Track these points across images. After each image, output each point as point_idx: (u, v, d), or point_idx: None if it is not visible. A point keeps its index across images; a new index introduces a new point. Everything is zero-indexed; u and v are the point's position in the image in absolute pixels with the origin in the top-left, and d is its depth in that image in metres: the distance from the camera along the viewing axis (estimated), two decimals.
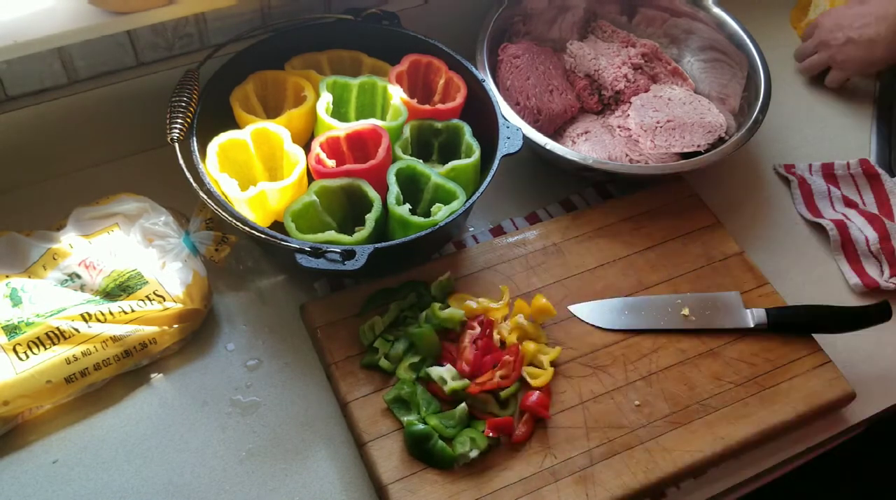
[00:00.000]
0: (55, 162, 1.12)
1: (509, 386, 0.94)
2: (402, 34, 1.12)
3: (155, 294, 0.96)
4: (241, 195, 0.95)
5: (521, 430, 0.92)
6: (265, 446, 0.93)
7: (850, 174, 1.24)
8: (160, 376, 0.97)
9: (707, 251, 1.10)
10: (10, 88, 1.05)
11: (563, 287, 1.04)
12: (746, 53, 1.23)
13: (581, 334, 1.01)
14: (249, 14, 1.12)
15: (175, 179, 0.96)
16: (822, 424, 1.00)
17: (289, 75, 1.08)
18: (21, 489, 0.88)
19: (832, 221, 1.17)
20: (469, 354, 0.95)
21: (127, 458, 0.91)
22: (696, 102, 1.21)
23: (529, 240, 1.08)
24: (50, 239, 0.99)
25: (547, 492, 0.89)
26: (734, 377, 0.98)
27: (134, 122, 1.12)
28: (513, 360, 0.95)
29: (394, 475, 0.88)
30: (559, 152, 1.09)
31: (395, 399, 0.92)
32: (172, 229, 1.02)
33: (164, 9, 1.01)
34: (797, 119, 1.33)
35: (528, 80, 1.19)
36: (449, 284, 1.02)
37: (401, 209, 0.96)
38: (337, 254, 0.90)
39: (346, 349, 0.97)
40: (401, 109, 1.05)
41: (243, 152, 1.01)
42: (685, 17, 1.30)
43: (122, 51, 1.08)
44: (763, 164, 1.27)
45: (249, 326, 1.03)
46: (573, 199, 1.18)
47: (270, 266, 1.07)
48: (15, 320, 0.91)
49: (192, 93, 1.00)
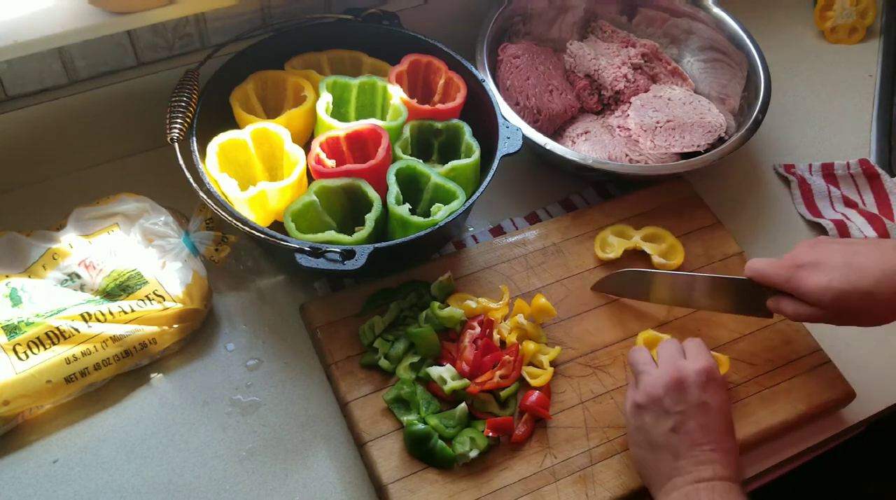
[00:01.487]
0: (55, 162, 1.12)
1: (509, 386, 0.94)
2: (402, 34, 1.12)
3: (155, 294, 0.96)
4: (241, 195, 0.95)
5: (521, 430, 0.92)
6: (265, 446, 0.93)
7: (850, 174, 1.24)
8: (160, 376, 0.97)
9: (707, 251, 1.10)
10: (10, 88, 1.05)
11: (563, 287, 1.04)
12: (746, 53, 1.23)
13: (581, 334, 1.01)
14: (249, 14, 1.12)
15: (175, 179, 0.96)
16: (822, 424, 1.00)
17: (289, 75, 1.08)
18: (21, 489, 0.88)
19: (832, 221, 1.17)
20: (469, 354, 0.95)
21: (127, 458, 0.91)
22: (695, 102, 1.21)
23: (529, 240, 1.08)
24: (50, 239, 0.99)
25: (547, 492, 0.89)
26: (734, 377, 0.98)
27: (134, 122, 1.12)
28: (513, 360, 0.95)
29: (394, 475, 0.88)
30: (559, 152, 1.09)
31: (395, 399, 0.92)
32: (172, 229, 1.02)
33: (164, 9, 1.01)
34: (797, 119, 1.33)
35: (528, 80, 1.19)
36: (449, 284, 1.02)
37: (401, 209, 0.96)
38: (337, 254, 0.90)
39: (345, 349, 0.97)
40: (401, 109, 1.05)
41: (243, 152, 1.01)
42: (685, 17, 1.30)
43: (122, 51, 1.08)
44: (763, 164, 1.27)
45: (249, 326, 1.03)
46: (573, 199, 1.18)
47: (270, 266, 1.07)
48: (15, 319, 0.91)
49: (192, 93, 1.00)
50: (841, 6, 1.44)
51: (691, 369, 0.85)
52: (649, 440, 0.84)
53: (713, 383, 0.85)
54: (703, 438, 0.81)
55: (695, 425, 0.82)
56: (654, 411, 0.84)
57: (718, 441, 0.82)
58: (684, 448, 0.81)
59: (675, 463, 0.82)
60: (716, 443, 0.82)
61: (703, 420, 0.82)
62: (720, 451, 0.81)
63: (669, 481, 0.81)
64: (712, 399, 0.83)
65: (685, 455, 0.81)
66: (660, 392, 0.84)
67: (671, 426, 0.83)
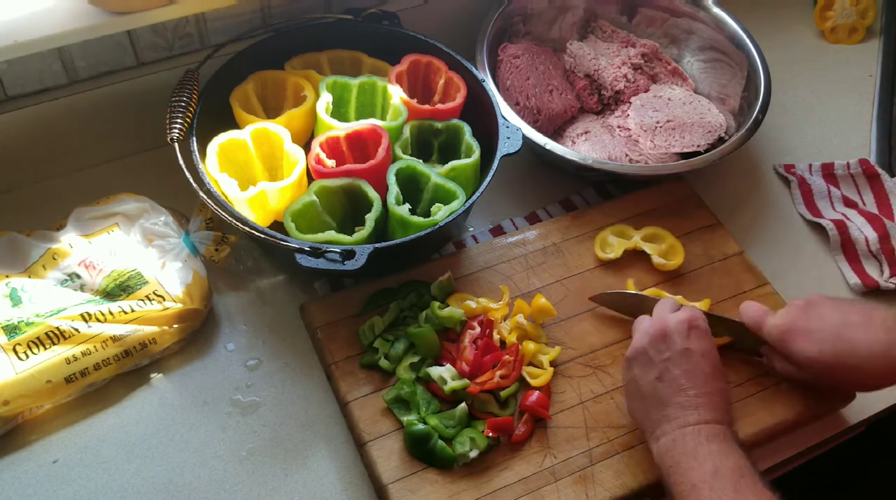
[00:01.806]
0: (55, 162, 1.12)
1: (509, 386, 0.94)
2: (402, 34, 1.12)
3: (155, 294, 0.96)
4: (241, 195, 0.95)
5: (521, 430, 0.92)
6: (265, 445, 0.93)
7: (850, 174, 1.24)
8: (160, 376, 0.97)
9: (707, 251, 1.10)
10: (10, 88, 1.05)
11: (563, 287, 1.04)
12: (746, 53, 1.23)
13: (581, 334, 1.01)
14: (249, 14, 1.12)
15: (175, 179, 0.96)
16: (822, 424, 1.00)
17: (289, 75, 1.08)
18: (21, 489, 0.88)
19: (832, 221, 1.17)
20: (469, 353, 0.95)
21: (127, 458, 0.91)
22: (695, 102, 1.21)
23: (529, 240, 1.08)
24: (50, 239, 0.99)
25: (547, 492, 0.89)
26: (734, 377, 0.98)
27: (134, 122, 1.12)
28: (512, 360, 0.95)
29: (394, 475, 0.88)
30: (559, 152, 1.09)
31: (395, 399, 0.92)
32: (172, 229, 1.02)
33: (164, 9, 1.01)
34: (797, 119, 1.33)
35: (528, 80, 1.19)
36: (449, 284, 1.02)
37: (401, 209, 0.96)
38: (337, 254, 0.90)
39: (345, 349, 0.97)
40: (401, 109, 1.05)
41: (243, 152, 1.01)
42: (685, 17, 1.30)
43: (122, 51, 1.08)
44: (763, 164, 1.27)
45: (249, 326, 1.03)
46: (573, 199, 1.18)
47: (270, 266, 1.07)
48: (15, 320, 0.91)
49: (192, 93, 1.01)
50: (841, 6, 1.44)
51: (674, 319, 0.89)
52: (639, 390, 0.87)
53: (696, 330, 0.88)
54: (687, 383, 0.84)
55: (679, 372, 0.85)
56: (641, 362, 0.88)
57: (703, 385, 0.84)
58: (670, 395, 0.84)
59: (663, 411, 0.84)
60: (700, 387, 0.84)
61: (687, 367, 0.85)
62: (705, 395, 0.83)
63: (659, 427, 0.84)
64: (694, 346, 0.86)
65: (671, 402, 0.84)
66: (645, 343, 0.88)
67: (657, 374, 0.86)
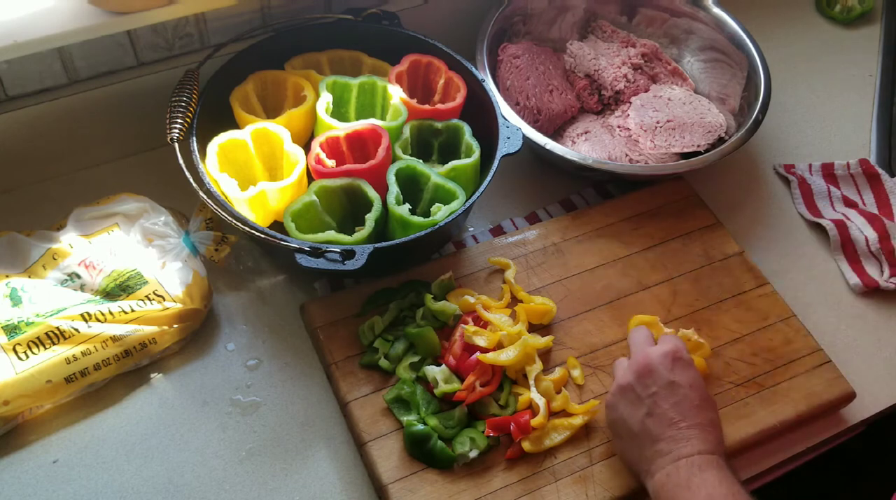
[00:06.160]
0: (55, 162, 1.12)
1: (492, 393, 0.93)
2: (402, 34, 1.12)
3: (155, 294, 0.96)
4: (241, 195, 0.95)
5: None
6: (265, 445, 0.93)
7: (850, 174, 1.24)
8: (160, 376, 0.97)
9: (707, 251, 1.10)
10: (10, 88, 1.05)
11: (563, 287, 1.04)
12: (746, 53, 1.23)
13: (581, 334, 1.01)
14: (249, 14, 1.12)
15: (175, 179, 0.96)
16: (822, 424, 1.00)
17: (289, 75, 1.08)
18: (21, 489, 0.88)
19: (832, 221, 1.17)
20: (457, 348, 0.95)
21: (127, 458, 0.91)
22: (696, 102, 1.21)
23: (529, 240, 1.08)
24: (50, 239, 0.99)
25: (547, 492, 0.89)
26: (734, 377, 0.98)
27: (134, 122, 1.12)
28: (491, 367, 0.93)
29: (394, 475, 0.88)
30: (559, 152, 1.09)
31: (395, 399, 0.92)
32: (172, 229, 1.02)
33: (164, 9, 1.01)
34: (797, 119, 1.33)
35: (528, 80, 1.19)
36: (450, 283, 1.02)
37: (401, 209, 0.96)
38: (337, 254, 0.90)
39: (345, 349, 0.97)
40: (401, 109, 1.05)
41: (243, 152, 1.01)
42: (685, 17, 1.30)
43: (122, 51, 1.08)
44: (763, 164, 1.27)
45: (249, 326, 1.03)
46: (573, 199, 1.18)
47: (270, 266, 1.07)
48: (15, 319, 0.91)
49: (192, 93, 1.00)
50: None
51: (656, 353, 0.87)
52: (629, 429, 0.86)
53: (679, 362, 0.87)
54: (677, 416, 0.83)
55: (668, 405, 0.84)
56: (628, 399, 0.86)
57: (693, 417, 0.83)
58: (661, 430, 0.83)
59: (655, 446, 0.83)
60: (691, 419, 0.83)
61: (675, 399, 0.84)
62: (696, 427, 0.83)
63: (653, 463, 0.82)
64: (680, 378, 0.85)
65: (663, 437, 0.83)
66: (630, 380, 0.86)
67: (646, 410, 0.84)
